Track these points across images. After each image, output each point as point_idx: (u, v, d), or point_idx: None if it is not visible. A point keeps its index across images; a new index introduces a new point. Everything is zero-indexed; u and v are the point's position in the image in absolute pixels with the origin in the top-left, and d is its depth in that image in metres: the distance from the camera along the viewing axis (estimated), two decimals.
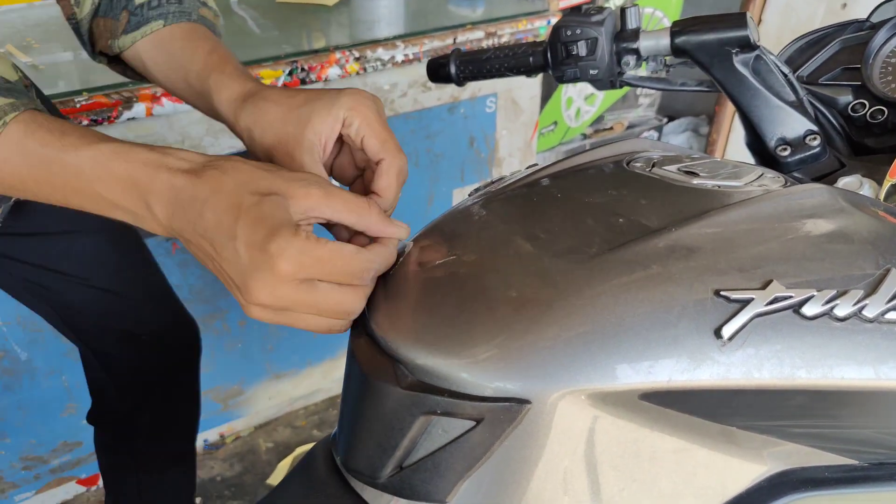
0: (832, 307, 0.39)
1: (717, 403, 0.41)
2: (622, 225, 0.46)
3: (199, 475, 1.64)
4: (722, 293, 0.40)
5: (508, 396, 0.40)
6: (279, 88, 0.57)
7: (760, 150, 0.63)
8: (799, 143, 0.61)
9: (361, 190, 0.57)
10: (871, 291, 0.40)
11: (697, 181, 0.50)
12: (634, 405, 0.40)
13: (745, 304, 0.39)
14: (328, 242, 0.45)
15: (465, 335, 0.42)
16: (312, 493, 0.51)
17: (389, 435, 0.44)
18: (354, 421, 0.47)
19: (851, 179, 0.55)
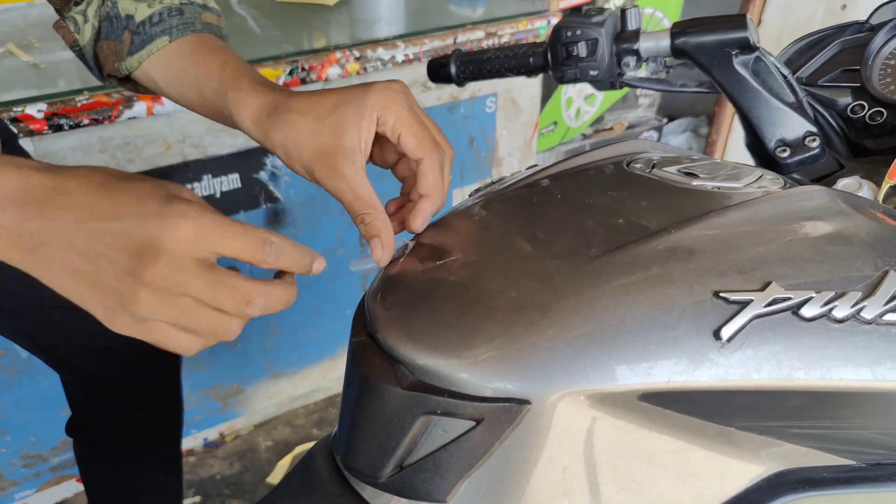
0: (830, 309, 0.39)
1: (715, 404, 0.41)
2: (622, 226, 0.46)
3: (198, 473, 1.65)
4: (721, 294, 0.40)
5: (508, 397, 0.41)
6: (302, 95, 0.54)
7: (760, 151, 0.63)
8: (798, 144, 0.61)
9: (412, 185, 0.55)
10: (869, 293, 0.40)
11: (697, 182, 0.50)
12: (633, 406, 0.41)
13: (744, 305, 0.40)
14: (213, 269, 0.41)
15: (465, 336, 0.42)
16: (313, 492, 0.51)
17: (390, 435, 0.44)
18: (355, 421, 0.47)
19: (850, 181, 0.55)
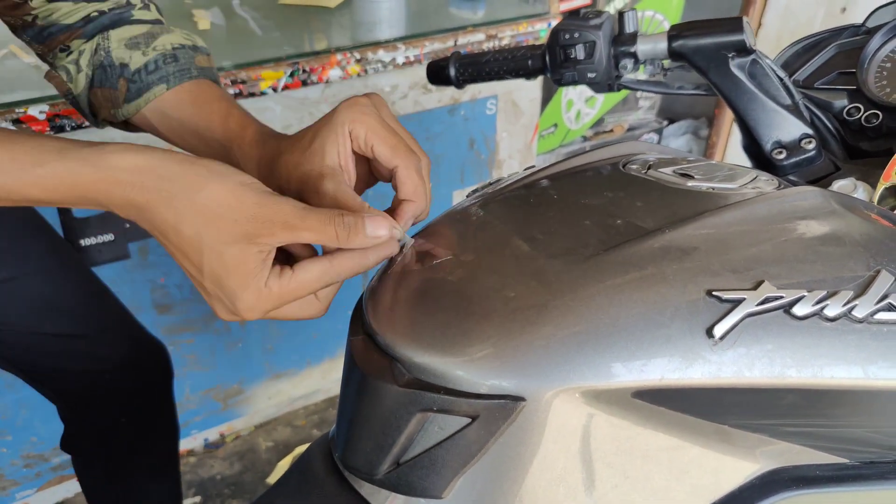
0: (822, 307, 0.40)
1: (708, 402, 0.41)
2: (618, 226, 0.46)
3: (198, 474, 1.65)
4: (714, 293, 0.40)
5: (503, 394, 0.41)
6: (291, 138, 0.56)
7: (756, 153, 0.64)
8: (794, 146, 0.62)
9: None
10: (860, 292, 0.40)
11: (692, 183, 0.50)
12: (628, 403, 0.41)
13: (736, 304, 0.40)
14: (292, 277, 0.47)
15: (461, 334, 0.42)
16: (310, 489, 0.51)
17: (387, 432, 0.44)
18: (352, 418, 0.47)
19: (846, 182, 0.56)
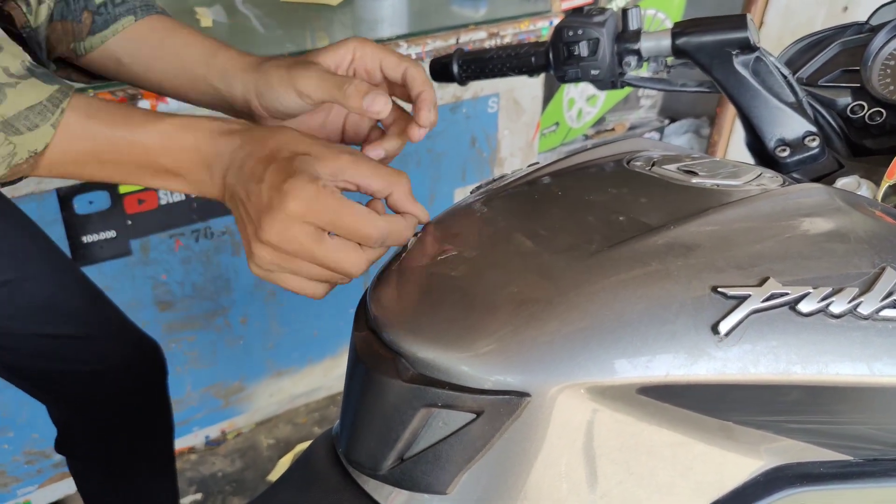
0: (828, 304, 0.40)
1: (713, 398, 0.41)
2: (622, 223, 0.46)
3: (199, 471, 1.66)
4: (719, 290, 0.40)
5: (508, 389, 0.41)
6: (299, 60, 0.60)
7: (760, 150, 0.64)
8: (798, 143, 0.62)
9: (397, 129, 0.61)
10: (866, 289, 0.40)
11: (696, 180, 0.50)
12: (632, 399, 0.41)
13: (741, 300, 0.40)
14: (343, 198, 0.48)
15: (465, 329, 0.42)
16: (314, 484, 0.51)
17: (391, 427, 0.44)
18: (356, 414, 0.47)
19: (850, 180, 0.55)
